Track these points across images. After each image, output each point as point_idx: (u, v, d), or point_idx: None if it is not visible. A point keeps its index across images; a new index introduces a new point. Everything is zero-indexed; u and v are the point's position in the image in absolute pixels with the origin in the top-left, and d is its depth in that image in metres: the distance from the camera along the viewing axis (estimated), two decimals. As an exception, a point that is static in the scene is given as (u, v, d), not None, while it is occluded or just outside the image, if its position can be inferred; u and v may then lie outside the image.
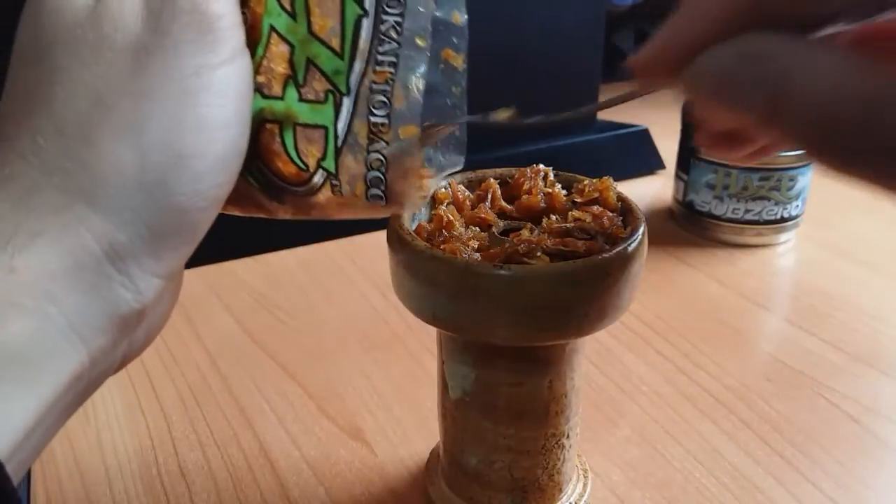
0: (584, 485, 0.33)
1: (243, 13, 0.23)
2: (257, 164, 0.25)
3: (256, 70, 0.24)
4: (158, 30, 0.21)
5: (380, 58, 0.24)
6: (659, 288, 0.51)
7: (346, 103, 0.24)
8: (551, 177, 0.30)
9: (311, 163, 0.24)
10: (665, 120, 0.68)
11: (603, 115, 0.72)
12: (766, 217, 0.56)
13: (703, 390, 0.41)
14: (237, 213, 0.27)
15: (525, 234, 0.27)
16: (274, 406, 0.40)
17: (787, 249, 0.57)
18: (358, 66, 0.24)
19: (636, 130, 0.71)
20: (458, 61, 0.25)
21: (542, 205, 0.29)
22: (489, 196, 0.29)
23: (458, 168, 0.27)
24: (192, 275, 0.52)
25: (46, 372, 0.19)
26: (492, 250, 0.26)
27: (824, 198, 0.62)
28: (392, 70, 0.24)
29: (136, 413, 0.39)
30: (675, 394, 0.40)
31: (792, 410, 0.39)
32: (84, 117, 0.20)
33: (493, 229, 0.28)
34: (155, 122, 0.20)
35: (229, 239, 0.56)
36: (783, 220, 0.56)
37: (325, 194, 0.25)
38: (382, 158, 0.24)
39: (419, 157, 0.25)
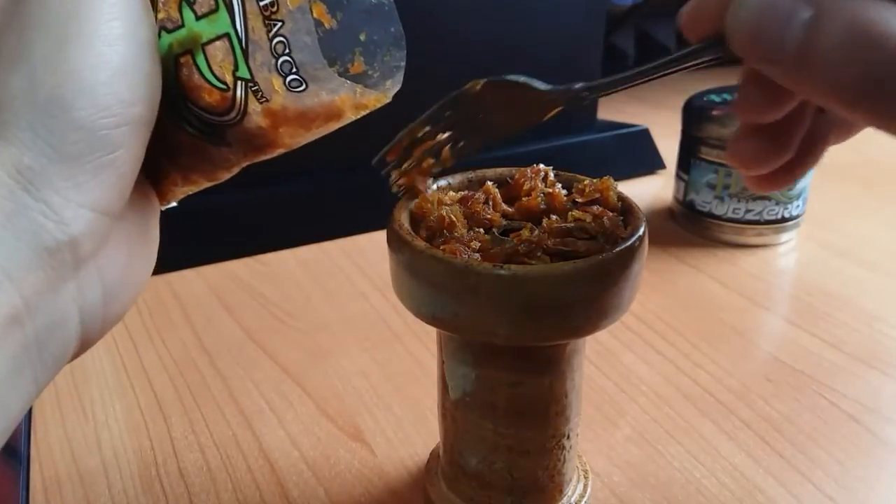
0: (585, 485, 0.33)
1: None
2: (188, 107, 0.24)
3: (156, 8, 0.23)
4: None
5: None
6: (659, 288, 0.51)
7: (236, 1, 0.23)
8: (551, 177, 0.30)
9: (229, 79, 0.24)
10: (665, 120, 0.68)
11: (603, 115, 0.72)
12: (766, 217, 0.56)
13: (703, 390, 0.41)
14: (203, 181, 0.26)
15: (525, 234, 0.27)
16: (274, 406, 0.40)
17: (787, 249, 0.57)
18: None
19: (636, 130, 0.71)
20: None
21: (543, 205, 0.29)
22: (489, 200, 0.29)
23: (402, 65, 0.25)
24: (192, 275, 0.52)
25: None
26: (492, 250, 0.26)
27: (825, 198, 0.63)
28: None
29: (135, 413, 0.39)
30: (675, 394, 0.40)
31: (792, 410, 0.39)
32: None
33: (494, 230, 0.28)
34: (39, 45, 0.21)
35: (229, 239, 0.57)
36: (784, 219, 0.56)
37: (253, 108, 0.24)
38: (284, 40, 0.23)
39: (312, 23, 0.23)
